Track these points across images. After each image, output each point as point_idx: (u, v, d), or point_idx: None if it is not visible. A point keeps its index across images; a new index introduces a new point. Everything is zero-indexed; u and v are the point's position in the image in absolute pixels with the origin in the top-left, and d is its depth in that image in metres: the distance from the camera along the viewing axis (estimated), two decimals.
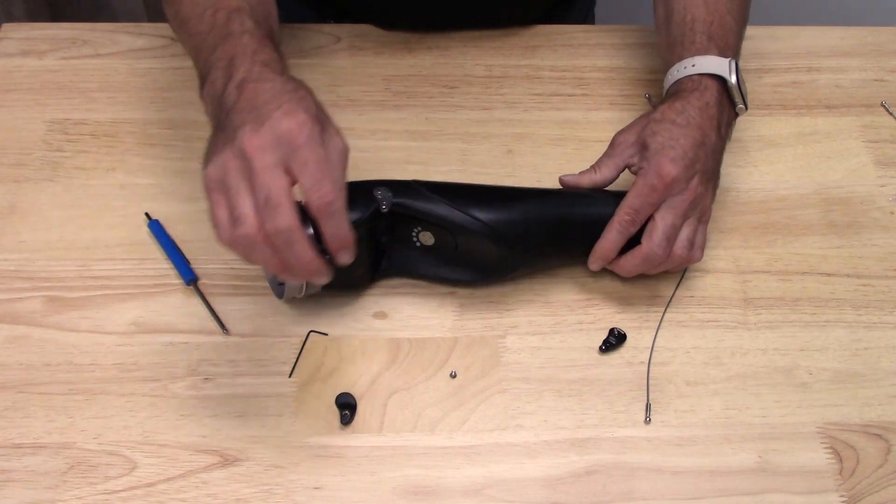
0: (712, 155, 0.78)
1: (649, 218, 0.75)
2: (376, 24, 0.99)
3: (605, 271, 0.81)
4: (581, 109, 0.94)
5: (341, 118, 0.90)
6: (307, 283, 0.73)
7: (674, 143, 0.75)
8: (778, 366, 0.76)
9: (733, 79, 0.79)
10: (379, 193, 0.74)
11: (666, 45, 0.86)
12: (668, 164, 0.74)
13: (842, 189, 0.89)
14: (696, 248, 0.77)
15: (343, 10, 1.01)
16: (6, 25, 0.97)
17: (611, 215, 0.75)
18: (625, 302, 0.79)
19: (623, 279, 0.80)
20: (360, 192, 0.74)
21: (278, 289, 0.75)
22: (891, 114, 0.95)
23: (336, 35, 0.99)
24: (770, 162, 0.90)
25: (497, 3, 0.98)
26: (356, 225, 0.72)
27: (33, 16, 1.49)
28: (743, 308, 0.79)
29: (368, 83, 0.94)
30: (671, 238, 0.75)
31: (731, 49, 0.82)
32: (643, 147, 0.77)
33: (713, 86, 0.79)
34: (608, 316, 0.78)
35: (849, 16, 1.60)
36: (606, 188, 0.79)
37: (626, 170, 0.79)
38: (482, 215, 0.74)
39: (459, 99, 0.93)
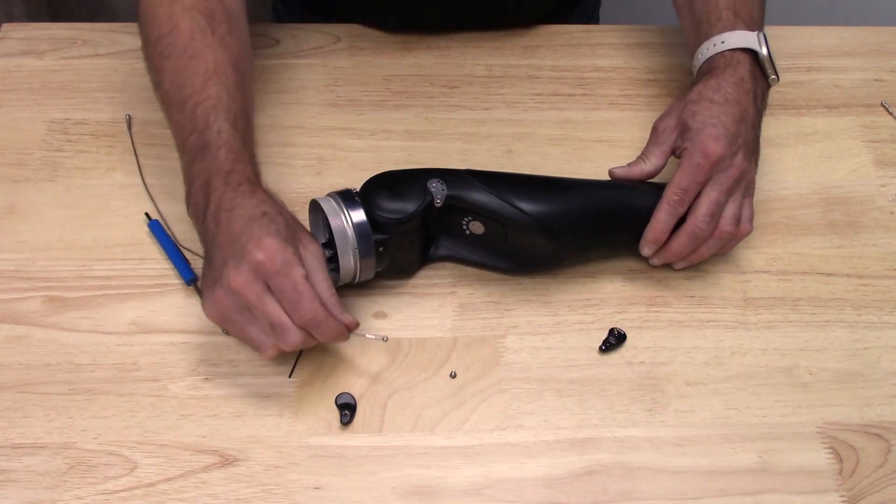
0: (752, 129, 0.79)
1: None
2: (376, 26, 0.99)
3: (606, 271, 0.81)
4: (581, 109, 0.94)
5: (341, 118, 0.91)
6: (360, 269, 0.74)
7: (715, 120, 0.77)
8: (778, 366, 0.76)
9: (764, 50, 0.81)
10: (433, 186, 0.74)
11: (691, 25, 0.86)
12: (712, 143, 0.75)
13: (842, 189, 0.89)
14: (745, 222, 0.78)
15: (344, 11, 1.00)
16: (6, 25, 0.97)
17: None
18: (625, 302, 0.79)
19: (622, 280, 0.80)
20: (414, 183, 0.75)
21: (331, 275, 0.76)
22: (891, 114, 0.95)
23: (336, 35, 0.99)
24: (770, 162, 0.90)
25: (499, 5, 0.98)
26: (410, 217, 0.73)
27: (33, 16, 1.48)
28: (743, 308, 0.79)
29: (368, 83, 0.94)
30: (715, 214, 0.76)
31: (756, 23, 0.83)
32: (685, 128, 0.78)
33: (745, 60, 0.80)
34: (608, 316, 0.78)
35: (849, 16, 1.60)
36: (653, 179, 0.80)
37: (672, 155, 0.80)
38: (532, 209, 0.75)
39: (459, 99, 0.93)
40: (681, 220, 0.77)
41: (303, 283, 0.66)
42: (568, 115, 0.93)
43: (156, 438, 0.69)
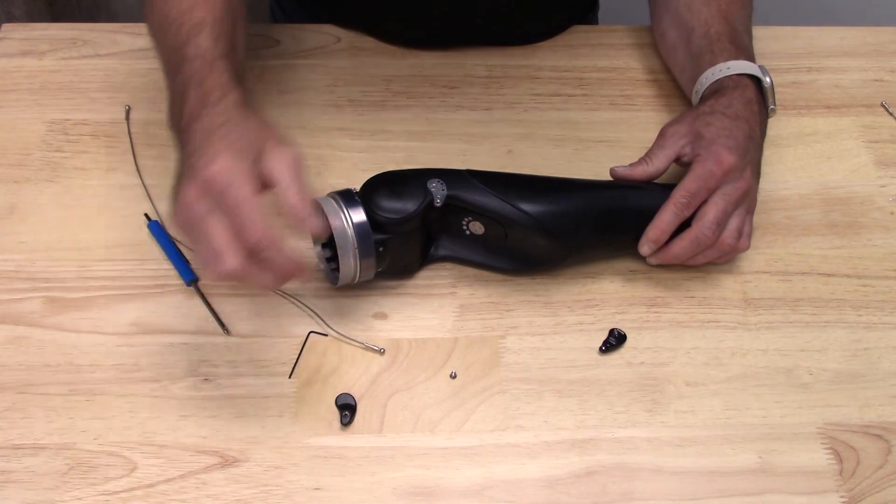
0: (758, 149, 0.81)
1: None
2: (375, 37, 0.98)
3: (606, 272, 0.81)
4: (581, 110, 0.93)
5: (341, 118, 0.91)
6: (360, 269, 0.74)
7: (728, 133, 0.78)
8: (778, 366, 0.76)
9: (768, 80, 0.83)
10: (433, 186, 0.74)
11: (688, 58, 0.89)
12: (726, 153, 0.76)
13: (842, 189, 0.89)
14: (745, 238, 0.79)
15: (343, 22, 1.00)
16: (6, 25, 0.97)
17: (659, 207, 0.76)
18: (625, 302, 0.79)
19: (622, 280, 0.80)
20: (414, 183, 0.75)
21: (332, 275, 0.76)
22: (891, 114, 0.95)
23: (336, 35, 0.99)
24: (770, 162, 0.90)
25: (499, 27, 0.98)
26: (410, 217, 0.73)
27: (33, 16, 1.48)
28: (743, 308, 0.79)
29: (368, 83, 0.94)
30: (721, 223, 0.76)
31: (753, 59, 0.86)
32: (697, 136, 0.79)
33: (751, 85, 0.82)
34: (608, 316, 0.78)
35: (849, 16, 1.60)
36: (655, 181, 0.80)
37: (675, 162, 0.80)
38: (532, 209, 0.75)
39: (460, 99, 0.93)
40: (683, 225, 0.77)
41: (249, 202, 0.61)
42: (568, 116, 0.93)
43: (156, 439, 0.69)
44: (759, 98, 0.82)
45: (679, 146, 0.79)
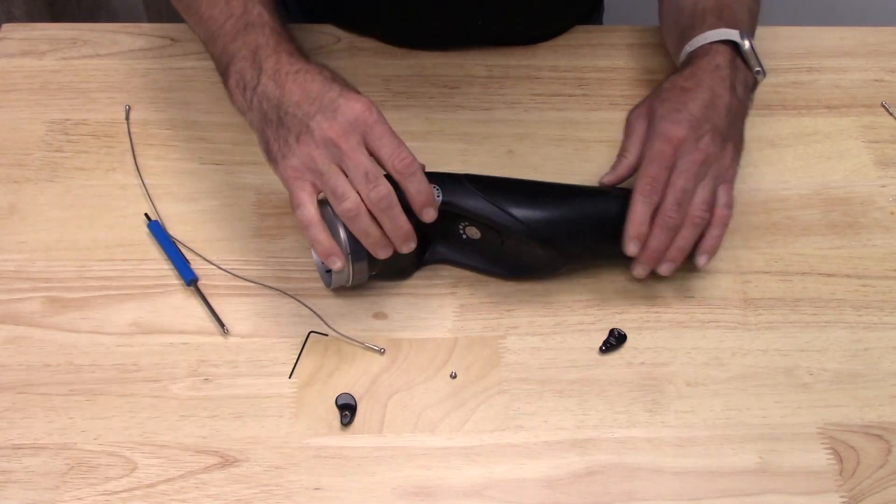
0: (726, 114, 0.78)
1: None
2: (375, 38, 0.98)
3: (606, 273, 0.81)
4: (581, 110, 0.93)
5: None
6: (354, 272, 0.74)
7: (681, 106, 0.77)
8: (778, 366, 0.76)
9: (746, 44, 0.80)
10: None
11: (678, 38, 0.87)
12: (672, 126, 0.75)
13: (842, 189, 0.89)
14: (722, 207, 0.76)
15: (343, 25, 1.00)
16: (6, 25, 0.97)
17: None
18: (625, 302, 0.79)
19: (622, 280, 0.80)
20: None
21: (326, 277, 0.76)
22: (891, 114, 0.95)
23: (336, 35, 0.99)
24: (770, 162, 0.90)
25: (501, 29, 0.98)
26: None
27: (33, 16, 1.48)
28: (743, 308, 0.79)
29: (368, 83, 0.94)
30: (682, 202, 0.75)
31: (743, 27, 0.83)
32: (652, 115, 0.78)
33: (724, 49, 0.80)
34: (608, 316, 0.78)
35: (849, 16, 1.60)
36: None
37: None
38: (527, 217, 0.74)
39: (460, 99, 0.93)
40: None
41: (393, 133, 0.70)
42: (568, 116, 0.93)
43: (156, 439, 0.69)
44: (732, 62, 0.80)
45: (644, 127, 0.79)
